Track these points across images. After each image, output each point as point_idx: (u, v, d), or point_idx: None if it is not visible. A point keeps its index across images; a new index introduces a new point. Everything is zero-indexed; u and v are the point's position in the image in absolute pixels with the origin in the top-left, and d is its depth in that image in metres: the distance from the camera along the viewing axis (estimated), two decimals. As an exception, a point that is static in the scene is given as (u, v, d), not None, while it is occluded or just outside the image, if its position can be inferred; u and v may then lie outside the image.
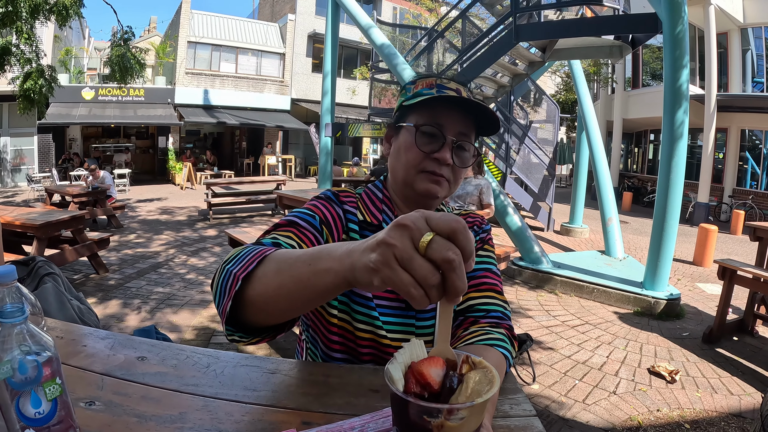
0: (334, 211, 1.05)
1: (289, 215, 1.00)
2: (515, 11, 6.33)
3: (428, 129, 1.00)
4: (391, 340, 1.00)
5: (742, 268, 4.20)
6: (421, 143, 1.00)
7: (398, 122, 1.07)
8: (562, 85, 19.57)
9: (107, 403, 0.76)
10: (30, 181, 13.86)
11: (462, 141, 1.02)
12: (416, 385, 0.53)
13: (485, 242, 1.17)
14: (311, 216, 1.00)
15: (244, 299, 0.73)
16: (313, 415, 0.76)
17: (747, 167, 14.21)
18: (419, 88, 1.04)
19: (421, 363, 0.54)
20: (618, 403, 3.24)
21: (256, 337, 0.80)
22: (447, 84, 1.03)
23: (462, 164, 1.03)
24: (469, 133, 1.03)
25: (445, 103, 1.00)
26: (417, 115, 1.02)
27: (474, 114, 1.02)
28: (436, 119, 1.00)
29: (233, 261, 0.77)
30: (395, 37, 13.18)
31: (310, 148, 21.20)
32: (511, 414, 0.80)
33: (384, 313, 1.02)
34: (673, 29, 4.81)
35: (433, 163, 1.00)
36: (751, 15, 13.71)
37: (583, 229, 9.94)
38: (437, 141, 1.00)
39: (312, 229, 0.97)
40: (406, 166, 1.02)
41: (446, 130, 1.00)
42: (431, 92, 1.00)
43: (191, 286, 5.53)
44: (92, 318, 2.07)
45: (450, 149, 1.00)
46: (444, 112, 1.00)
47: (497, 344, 0.93)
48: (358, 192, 1.13)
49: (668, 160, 5.04)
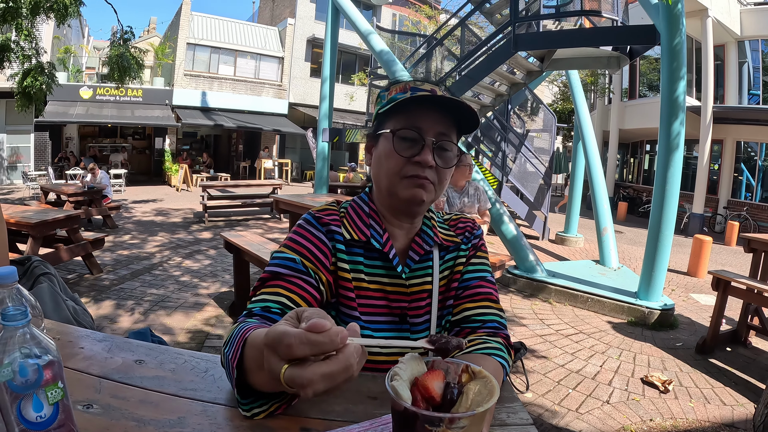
0: (316, 238, 1.01)
1: (271, 262, 0.97)
2: (514, 21, 6.37)
3: (406, 133, 0.98)
4: (386, 356, 0.99)
5: (736, 279, 4.22)
6: (401, 148, 0.98)
7: (376, 131, 1.04)
8: (560, 94, 19.66)
9: (105, 407, 0.75)
10: (26, 179, 13.80)
11: (442, 141, 0.99)
12: (421, 399, 0.55)
13: (478, 248, 1.15)
14: (291, 260, 0.96)
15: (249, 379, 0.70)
16: (311, 421, 0.76)
17: (742, 179, 14.29)
18: (393, 94, 1.01)
19: (425, 378, 0.56)
20: (611, 413, 3.25)
21: (275, 402, 0.75)
22: (420, 86, 1.00)
23: (445, 165, 1.00)
24: (449, 133, 1.00)
25: (420, 104, 0.98)
26: (394, 120, 1.00)
27: (452, 112, 1.00)
28: (413, 122, 0.98)
29: (228, 344, 0.75)
30: (394, 44, 13.23)
31: (306, 152, 21.21)
32: (508, 422, 0.81)
33: (378, 329, 1.01)
34: (671, 41, 4.85)
35: (415, 167, 0.97)
36: (749, 28, 13.84)
37: (578, 239, 9.96)
38: (417, 144, 0.98)
39: (297, 274, 0.94)
40: (388, 173, 1.00)
41: (425, 132, 0.97)
42: (405, 96, 0.97)
43: (185, 288, 5.51)
44: (87, 319, 2.06)
45: (431, 151, 0.97)
46: (420, 113, 0.98)
47: (495, 353, 0.93)
48: (343, 207, 1.10)
49: (664, 171, 5.06)
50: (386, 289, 1.03)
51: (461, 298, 1.08)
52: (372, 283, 1.03)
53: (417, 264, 1.06)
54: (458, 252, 1.12)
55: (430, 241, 1.08)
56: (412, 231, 1.09)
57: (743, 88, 14.35)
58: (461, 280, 1.09)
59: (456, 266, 1.11)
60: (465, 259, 1.12)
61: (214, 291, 5.47)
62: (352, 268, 1.02)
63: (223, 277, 6.06)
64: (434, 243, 1.08)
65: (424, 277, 1.06)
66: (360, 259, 1.03)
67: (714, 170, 14.58)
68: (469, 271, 1.10)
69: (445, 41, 8.82)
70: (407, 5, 22.85)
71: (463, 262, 1.11)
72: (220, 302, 5.08)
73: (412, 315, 1.03)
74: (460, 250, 1.12)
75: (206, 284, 5.71)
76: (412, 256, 1.05)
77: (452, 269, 1.10)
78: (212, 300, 5.15)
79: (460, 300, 1.08)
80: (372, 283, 1.03)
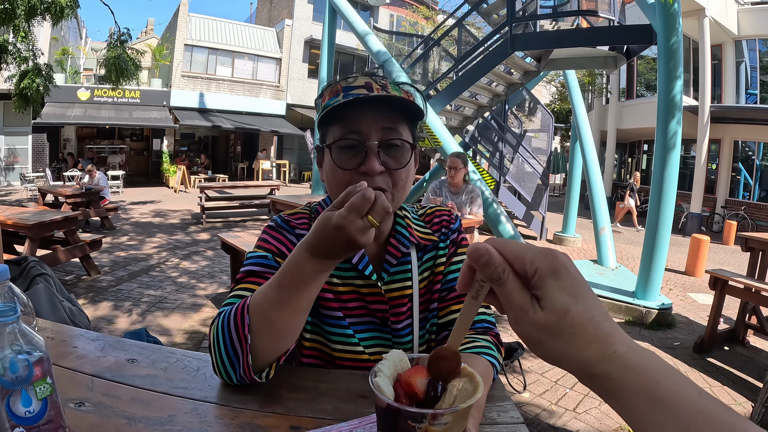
0: (286, 239, 0.98)
1: (245, 263, 0.96)
2: (511, 21, 6.38)
3: (343, 143, 0.90)
4: (369, 355, 0.98)
5: (734, 278, 4.23)
6: (342, 161, 0.90)
7: (320, 143, 0.97)
8: (557, 94, 19.71)
9: (97, 405, 0.76)
10: (23, 181, 13.78)
11: (388, 139, 0.90)
12: (404, 396, 0.55)
13: (458, 244, 1.08)
14: (263, 257, 0.94)
15: (257, 346, 0.79)
16: (301, 419, 0.76)
17: (740, 178, 14.31)
18: (326, 100, 0.91)
19: (408, 374, 0.56)
20: (608, 412, 3.24)
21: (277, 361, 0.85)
22: (353, 83, 0.90)
23: (397, 165, 0.91)
24: (395, 126, 0.91)
25: (354, 107, 0.88)
26: (333, 129, 0.92)
27: (396, 102, 0.90)
28: (350, 127, 0.89)
29: (222, 333, 0.82)
30: (391, 45, 13.21)
31: (304, 153, 21.24)
32: (499, 421, 0.81)
33: (359, 330, 0.98)
34: (667, 40, 4.86)
35: (363, 178, 0.87)
36: (746, 27, 13.86)
37: (575, 239, 9.97)
38: (359, 151, 0.90)
39: (271, 270, 0.91)
40: (338, 188, 0.89)
41: (365, 136, 0.89)
42: (337, 99, 0.88)
43: (183, 289, 5.51)
44: (83, 320, 2.06)
45: (376, 155, 0.89)
46: (357, 115, 0.89)
47: (484, 352, 0.93)
48: (313, 207, 1.05)
49: (661, 171, 5.07)
50: (361, 291, 0.99)
51: (446, 300, 1.04)
52: (345, 286, 0.99)
53: (395, 268, 1.01)
54: (437, 251, 1.07)
55: (406, 242, 1.02)
56: (383, 234, 1.02)
57: (740, 87, 14.37)
58: (444, 281, 1.05)
59: (436, 267, 1.06)
60: (445, 258, 1.06)
61: (212, 292, 5.47)
62: None
63: (220, 278, 6.06)
64: (411, 243, 1.03)
65: (403, 281, 1.01)
66: None
67: (711, 170, 14.60)
68: (451, 271, 1.05)
69: (442, 41, 8.84)
70: (404, 6, 22.89)
71: (443, 261, 1.06)
72: (218, 303, 5.08)
73: (393, 321, 0.99)
74: (438, 248, 1.07)
75: (204, 285, 5.71)
76: (390, 261, 1.00)
77: (432, 270, 1.05)
78: (209, 301, 5.15)
79: (446, 302, 1.04)
80: (345, 286, 0.99)
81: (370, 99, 0.87)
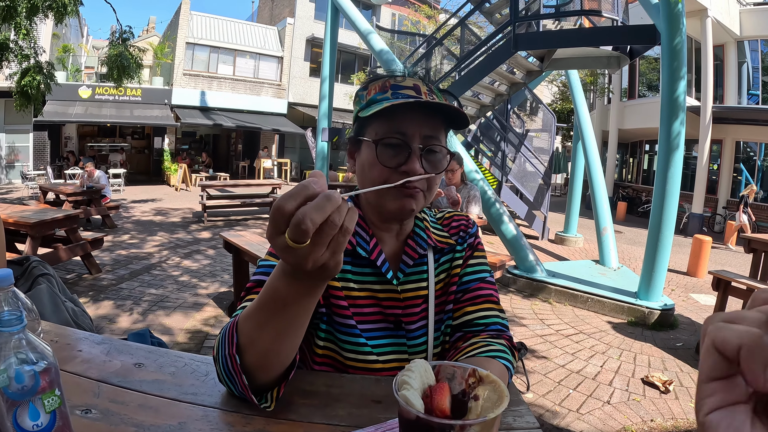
0: None
1: (256, 271, 0.94)
2: (514, 20, 6.37)
3: (390, 141, 0.91)
4: (383, 363, 0.97)
5: (737, 279, 4.22)
6: (385, 158, 0.91)
7: (357, 135, 0.98)
8: (559, 94, 19.65)
9: (104, 412, 0.74)
10: (24, 179, 13.77)
11: (430, 145, 0.93)
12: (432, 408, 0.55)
13: (474, 248, 1.10)
14: (273, 267, 0.90)
15: (248, 366, 0.74)
16: (315, 426, 0.74)
17: (741, 179, 14.30)
18: (372, 94, 0.94)
19: (438, 401, 0.56)
20: (612, 413, 3.24)
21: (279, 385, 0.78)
22: (402, 82, 0.93)
23: (434, 169, 0.94)
24: (436, 134, 0.94)
25: (402, 106, 0.89)
26: (376, 125, 0.93)
27: (439, 109, 0.92)
28: (396, 128, 0.91)
29: (219, 348, 0.77)
30: (393, 44, 13.21)
31: (306, 152, 21.18)
32: (515, 426, 0.80)
33: (372, 336, 0.97)
34: (671, 41, 4.84)
35: (403, 177, 0.88)
36: (748, 28, 13.85)
37: (577, 239, 9.96)
38: (402, 152, 0.91)
39: None
40: (372, 183, 0.92)
41: (410, 138, 0.91)
42: (386, 96, 0.91)
43: (184, 288, 5.50)
44: (86, 321, 2.04)
45: (418, 158, 0.91)
46: (404, 117, 0.91)
47: (499, 356, 0.92)
48: None
49: (664, 171, 5.05)
50: (378, 296, 0.99)
51: (461, 301, 1.04)
52: (362, 291, 0.99)
53: (411, 269, 1.02)
54: (454, 254, 1.08)
55: (424, 244, 1.03)
56: (403, 234, 1.04)
57: (742, 88, 14.37)
58: (460, 283, 1.06)
59: (453, 269, 1.07)
60: (462, 260, 1.08)
61: (214, 291, 5.46)
62: (341, 276, 0.97)
63: (222, 277, 6.04)
64: (428, 246, 1.04)
65: (418, 282, 1.02)
66: (348, 267, 0.98)
67: (713, 170, 14.60)
68: (467, 273, 1.06)
69: (444, 41, 8.82)
70: (407, 5, 22.81)
71: (460, 264, 1.07)
72: (219, 302, 5.07)
73: (406, 321, 0.99)
74: (455, 251, 1.08)
75: (205, 284, 5.69)
76: (406, 261, 1.01)
77: (449, 272, 1.06)
78: (211, 300, 5.14)
79: (461, 303, 1.04)
80: (362, 291, 0.99)
81: (421, 103, 0.89)
